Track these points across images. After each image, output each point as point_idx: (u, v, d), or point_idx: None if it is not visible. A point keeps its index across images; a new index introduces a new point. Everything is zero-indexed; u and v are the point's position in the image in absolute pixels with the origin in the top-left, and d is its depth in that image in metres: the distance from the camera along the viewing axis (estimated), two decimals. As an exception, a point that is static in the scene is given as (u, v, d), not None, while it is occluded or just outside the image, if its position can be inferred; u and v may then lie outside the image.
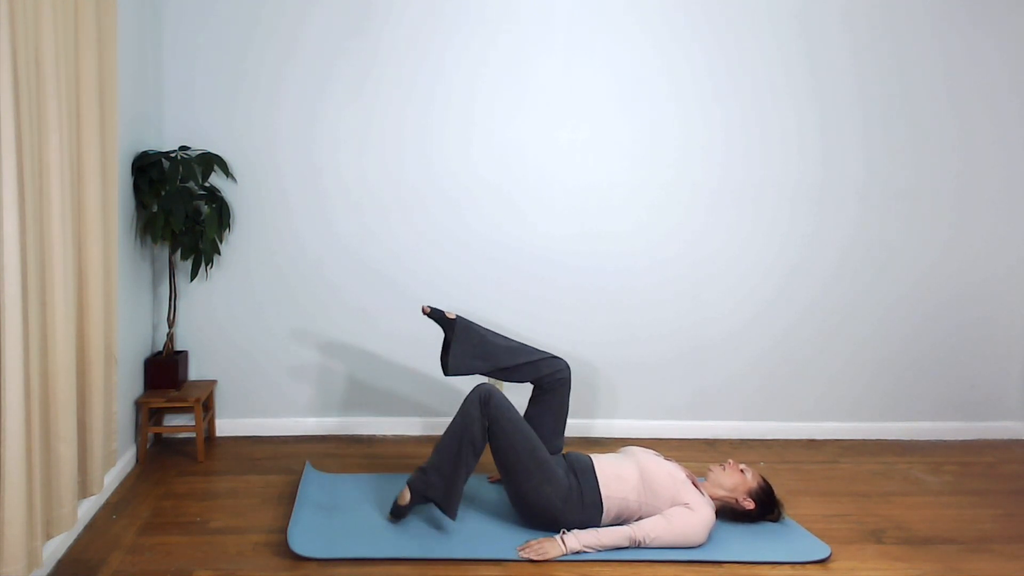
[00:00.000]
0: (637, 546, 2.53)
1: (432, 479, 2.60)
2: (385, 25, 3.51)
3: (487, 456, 3.00)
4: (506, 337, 2.92)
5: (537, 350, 2.88)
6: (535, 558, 2.47)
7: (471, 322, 2.87)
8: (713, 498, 2.72)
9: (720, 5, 3.59)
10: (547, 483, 2.59)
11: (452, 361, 2.80)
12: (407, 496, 2.62)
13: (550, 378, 2.84)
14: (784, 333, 3.78)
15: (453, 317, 2.85)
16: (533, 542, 2.53)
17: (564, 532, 2.55)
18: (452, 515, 2.60)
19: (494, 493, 2.96)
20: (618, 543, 2.53)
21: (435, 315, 2.86)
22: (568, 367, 2.88)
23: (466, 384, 3.56)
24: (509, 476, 2.63)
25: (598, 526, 2.64)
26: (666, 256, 3.69)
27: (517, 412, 2.68)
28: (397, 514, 2.65)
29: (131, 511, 2.77)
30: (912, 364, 3.85)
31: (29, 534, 2.06)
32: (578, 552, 2.50)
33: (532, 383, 2.88)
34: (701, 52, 3.61)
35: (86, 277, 2.55)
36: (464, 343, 2.81)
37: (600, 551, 2.52)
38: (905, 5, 3.66)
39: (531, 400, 2.90)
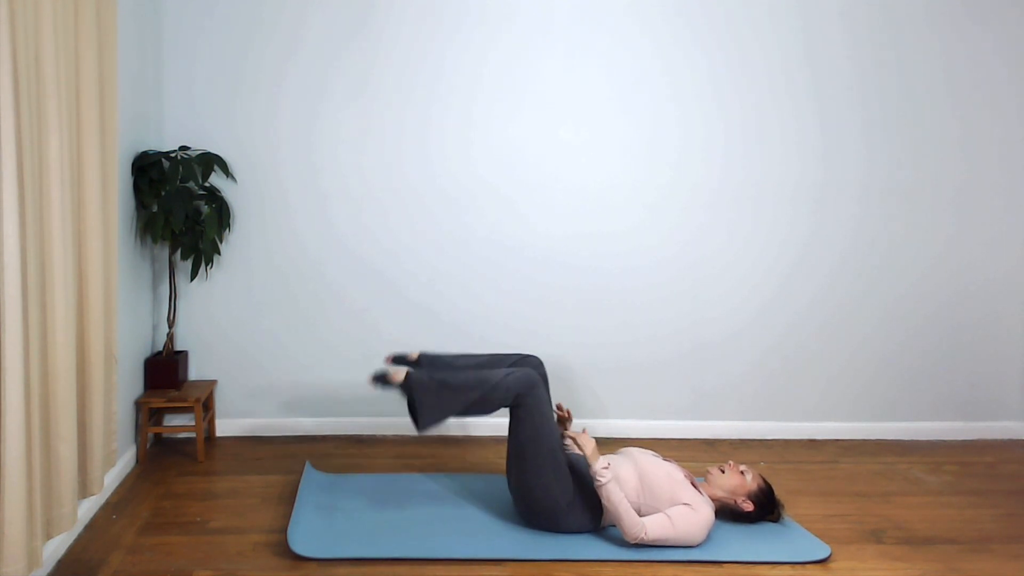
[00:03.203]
0: (635, 538, 2.50)
1: (429, 386, 2.60)
2: (385, 25, 3.51)
3: (493, 453, 3.00)
4: (467, 361, 2.85)
5: (504, 357, 2.85)
6: (575, 442, 2.58)
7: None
8: (712, 499, 2.72)
9: (720, 5, 3.59)
10: (557, 483, 2.59)
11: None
12: (399, 378, 2.63)
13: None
14: (784, 333, 3.78)
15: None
16: (575, 435, 2.61)
17: (604, 466, 2.55)
18: (419, 428, 2.60)
19: (494, 493, 2.96)
20: (624, 516, 2.49)
21: (379, 380, 2.68)
22: (541, 363, 2.86)
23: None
24: (523, 468, 2.62)
25: (598, 527, 2.65)
26: (666, 256, 3.69)
27: (552, 411, 2.70)
28: (380, 380, 2.66)
29: (131, 511, 2.77)
30: (912, 364, 3.85)
31: (29, 534, 2.06)
32: (597, 479, 2.51)
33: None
34: (701, 52, 3.61)
35: (86, 277, 2.55)
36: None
37: (607, 503, 2.51)
38: (905, 5, 3.66)
39: None
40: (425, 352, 2.91)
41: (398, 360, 2.90)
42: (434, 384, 2.62)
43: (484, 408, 2.63)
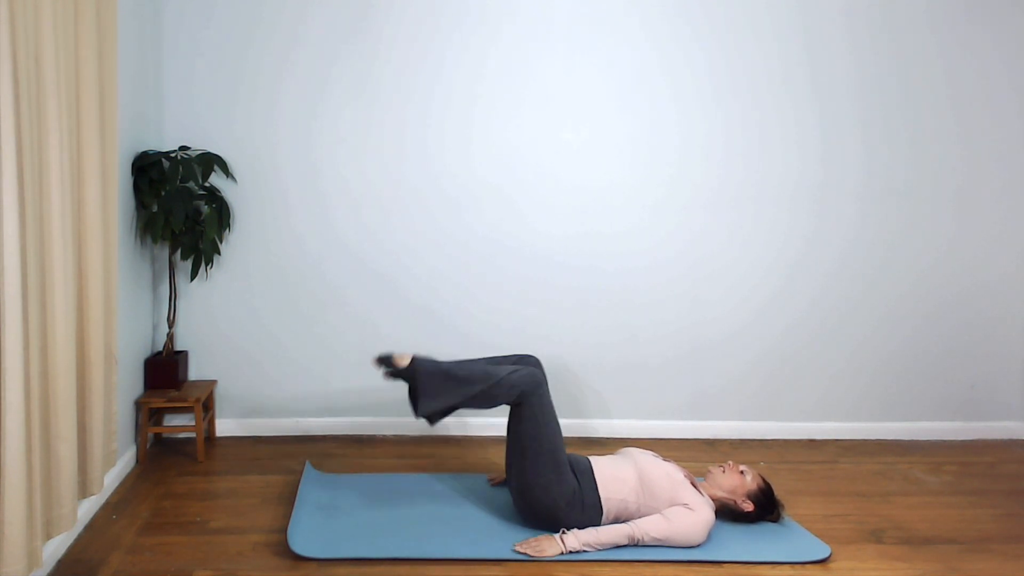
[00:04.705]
0: (636, 544, 2.53)
1: (435, 375, 2.59)
2: (385, 25, 3.51)
3: (488, 454, 3.00)
4: (470, 361, 2.78)
5: (504, 359, 2.86)
6: (533, 555, 2.46)
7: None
8: (712, 499, 2.72)
9: (720, 5, 3.59)
10: (557, 484, 2.59)
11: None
12: (403, 362, 2.63)
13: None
14: (784, 333, 3.78)
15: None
16: (532, 540, 2.53)
17: (563, 531, 2.55)
18: (418, 414, 2.61)
19: (494, 493, 2.96)
20: (617, 541, 2.53)
21: (384, 362, 2.69)
22: (539, 363, 2.87)
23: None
24: (523, 466, 2.61)
25: (598, 527, 2.64)
26: (666, 256, 3.69)
27: (554, 410, 2.68)
28: (385, 362, 2.65)
29: (131, 511, 2.77)
30: (912, 364, 3.85)
31: (29, 534, 2.06)
32: (577, 551, 2.50)
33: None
34: (701, 52, 3.61)
35: (86, 277, 2.55)
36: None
37: (599, 550, 2.52)
38: (905, 5, 3.66)
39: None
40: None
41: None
42: (439, 372, 2.62)
43: (486, 403, 2.62)
